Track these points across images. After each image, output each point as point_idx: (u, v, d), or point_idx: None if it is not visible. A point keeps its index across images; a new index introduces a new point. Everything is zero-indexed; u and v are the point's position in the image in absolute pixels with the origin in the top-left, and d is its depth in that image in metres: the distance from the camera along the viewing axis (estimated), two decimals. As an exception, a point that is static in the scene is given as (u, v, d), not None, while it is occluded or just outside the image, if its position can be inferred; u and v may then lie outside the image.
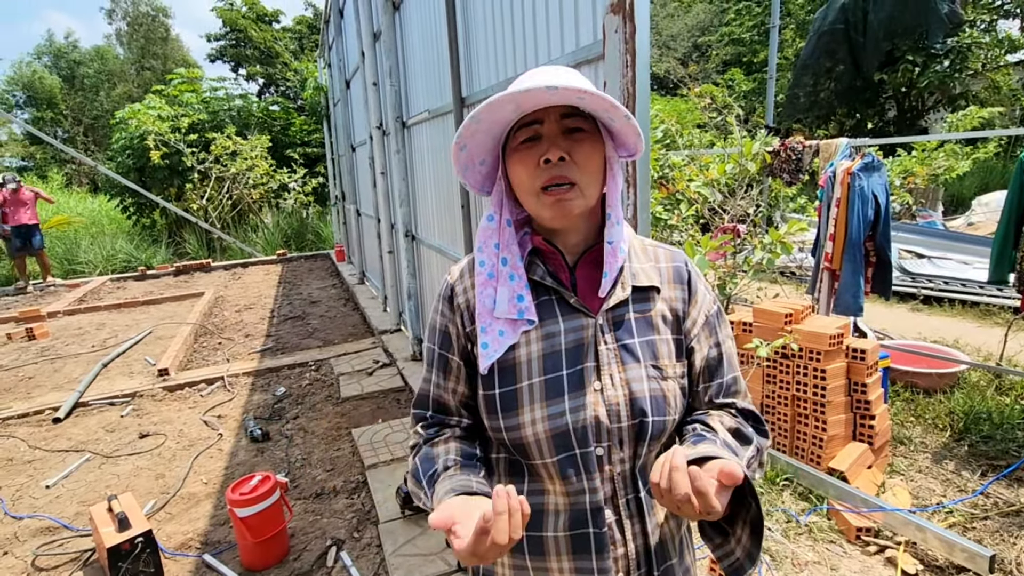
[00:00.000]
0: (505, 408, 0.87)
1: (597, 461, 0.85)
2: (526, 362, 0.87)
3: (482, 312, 0.88)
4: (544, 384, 0.86)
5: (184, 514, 2.86)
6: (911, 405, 3.51)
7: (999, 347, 3.84)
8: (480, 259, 0.90)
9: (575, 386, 0.85)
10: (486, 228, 0.90)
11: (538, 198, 0.84)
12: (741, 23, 16.29)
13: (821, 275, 3.81)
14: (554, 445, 0.85)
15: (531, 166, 0.83)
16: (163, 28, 26.56)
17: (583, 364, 0.86)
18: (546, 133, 0.83)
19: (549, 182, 0.82)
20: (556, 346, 0.87)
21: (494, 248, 0.89)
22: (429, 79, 3.76)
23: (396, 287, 5.46)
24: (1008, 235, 3.14)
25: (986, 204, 8.09)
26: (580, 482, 0.85)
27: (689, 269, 0.96)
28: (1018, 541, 2.23)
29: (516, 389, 0.87)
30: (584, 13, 1.90)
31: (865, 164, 3.54)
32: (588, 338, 0.87)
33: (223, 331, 6.20)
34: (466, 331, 0.92)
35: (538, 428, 0.85)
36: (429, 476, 0.87)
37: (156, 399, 4.36)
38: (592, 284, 0.90)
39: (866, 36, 11.02)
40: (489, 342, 0.87)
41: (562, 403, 0.85)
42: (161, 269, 9.97)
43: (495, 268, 0.89)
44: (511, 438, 0.87)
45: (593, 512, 0.86)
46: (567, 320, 0.88)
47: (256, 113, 13.13)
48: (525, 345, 0.87)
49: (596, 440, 0.85)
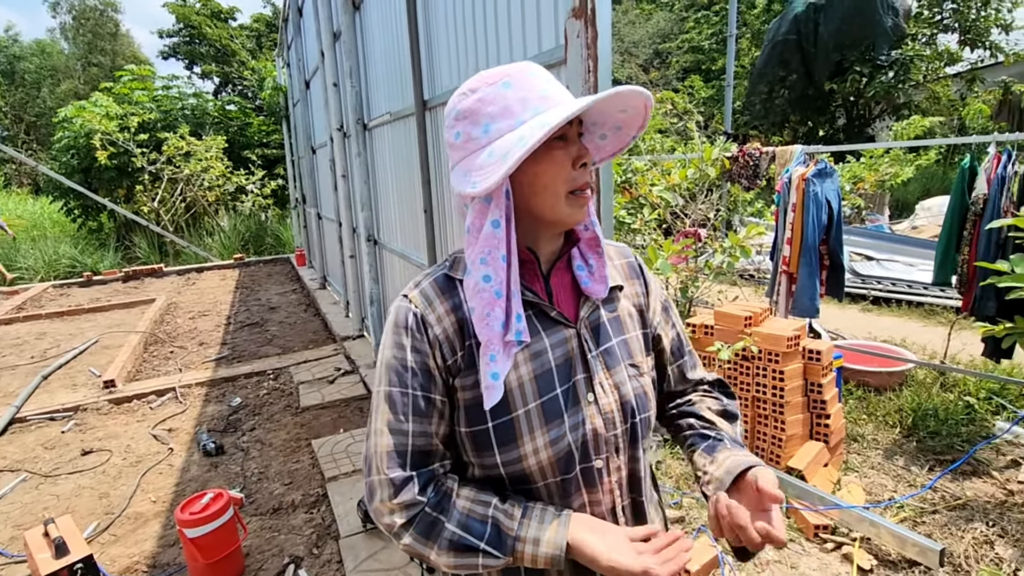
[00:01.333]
0: (502, 442, 0.80)
1: (597, 474, 0.84)
2: (518, 387, 0.80)
3: (491, 339, 0.76)
4: (541, 408, 0.80)
5: (130, 536, 2.71)
6: (863, 403, 3.63)
7: (943, 346, 4.02)
8: (484, 273, 0.76)
9: (571, 402, 0.82)
10: (490, 236, 0.76)
11: (564, 200, 0.79)
12: (700, 31, 16.73)
13: (779, 278, 3.91)
14: (558, 468, 0.81)
15: (566, 167, 0.78)
16: (112, 23, 25.42)
17: (574, 377, 0.83)
18: (572, 136, 0.79)
19: (583, 186, 0.79)
20: (546, 364, 0.82)
21: (501, 260, 0.76)
22: (391, 81, 3.69)
23: (358, 292, 5.34)
24: (951, 239, 3.29)
25: (928, 208, 8.51)
26: (580, 498, 0.83)
27: (639, 262, 0.98)
28: (965, 534, 2.33)
29: (512, 419, 0.80)
30: (546, 17, 1.88)
31: (818, 170, 3.65)
32: (574, 349, 0.84)
33: (175, 339, 5.94)
34: (447, 364, 0.81)
35: (541, 456, 0.80)
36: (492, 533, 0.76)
37: (101, 413, 4.13)
38: (566, 292, 0.87)
39: (817, 47, 11.47)
40: (499, 371, 0.76)
41: (562, 424, 0.81)
42: (109, 275, 9.49)
43: (503, 285, 0.76)
44: (509, 472, 0.81)
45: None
46: (551, 334, 0.83)
47: (212, 112, 12.70)
48: (513, 369, 0.80)
49: (595, 453, 0.83)
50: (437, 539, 0.76)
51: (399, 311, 0.83)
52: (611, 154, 0.88)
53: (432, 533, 0.77)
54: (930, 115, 11.36)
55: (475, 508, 0.78)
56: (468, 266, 0.79)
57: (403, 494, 0.77)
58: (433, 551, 0.77)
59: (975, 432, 3.20)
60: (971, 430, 3.22)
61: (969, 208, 3.17)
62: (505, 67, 0.78)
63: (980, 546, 2.24)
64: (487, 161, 0.74)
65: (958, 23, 12.07)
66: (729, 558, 2.30)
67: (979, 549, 2.22)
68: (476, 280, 0.77)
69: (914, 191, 11.85)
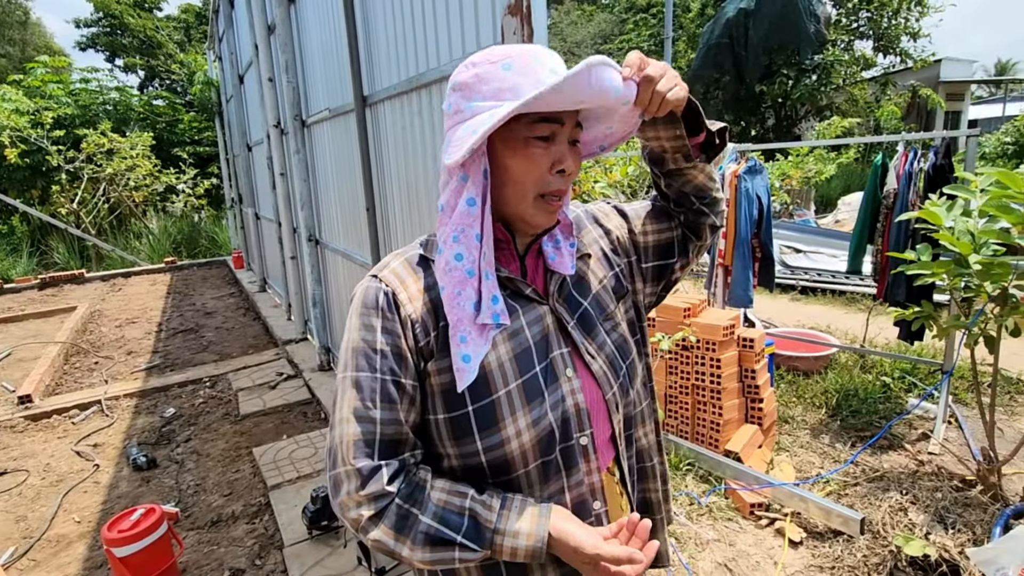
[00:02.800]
0: (483, 426, 0.77)
1: (583, 451, 0.81)
2: (497, 367, 0.77)
3: (461, 318, 0.74)
4: (523, 387, 0.78)
5: (51, 560, 2.52)
6: (793, 387, 3.86)
7: (862, 330, 4.32)
8: (456, 251, 0.74)
9: (551, 379, 0.80)
10: (465, 214, 0.73)
11: (534, 202, 0.77)
12: (639, 33, 17.21)
13: (716, 271, 4.09)
14: (539, 451, 0.78)
15: (541, 168, 0.75)
16: (21, 11, 23.40)
17: (551, 354, 0.81)
18: (560, 138, 0.76)
19: (556, 192, 0.77)
20: (524, 343, 0.80)
21: (475, 239, 0.74)
22: (329, 76, 3.60)
23: (301, 294, 5.18)
24: (864, 231, 3.54)
25: (849, 203, 9.11)
26: (559, 482, 0.80)
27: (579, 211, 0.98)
28: (882, 503, 2.51)
29: (493, 401, 0.76)
30: (484, 14, 1.89)
31: (749, 168, 3.84)
32: (550, 326, 0.83)
33: (100, 349, 5.57)
34: (419, 346, 0.77)
35: (523, 439, 0.77)
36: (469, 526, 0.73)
37: (16, 430, 3.82)
38: (540, 271, 0.87)
39: (748, 50, 12.05)
40: (471, 354, 0.74)
41: (543, 403, 0.78)
42: (22, 282, 8.77)
43: (476, 264, 0.74)
44: (491, 458, 0.77)
45: (575, 507, 0.82)
46: (527, 312, 0.82)
47: (136, 108, 11.97)
48: (492, 350, 0.77)
49: (579, 429, 0.81)
50: (410, 533, 0.72)
51: (368, 291, 0.78)
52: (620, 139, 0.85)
53: (405, 527, 0.72)
54: (849, 116, 12.16)
55: (451, 500, 0.74)
56: (440, 244, 0.76)
57: (371, 485, 0.72)
58: (406, 546, 0.72)
59: (891, 409, 3.46)
60: (887, 407, 3.48)
61: (881, 202, 3.42)
62: (516, 47, 0.74)
63: (895, 513, 2.43)
64: (463, 135, 0.72)
65: (872, 30, 12.98)
66: (672, 540, 2.39)
67: (895, 516, 2.40)
68: (448, 259, 0.74)
69: (836, 187, 12.67)
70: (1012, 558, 1.76)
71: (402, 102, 2.60)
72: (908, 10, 12.72)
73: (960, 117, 16.95)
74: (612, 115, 0.79)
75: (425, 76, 2.30)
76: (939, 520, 2.30)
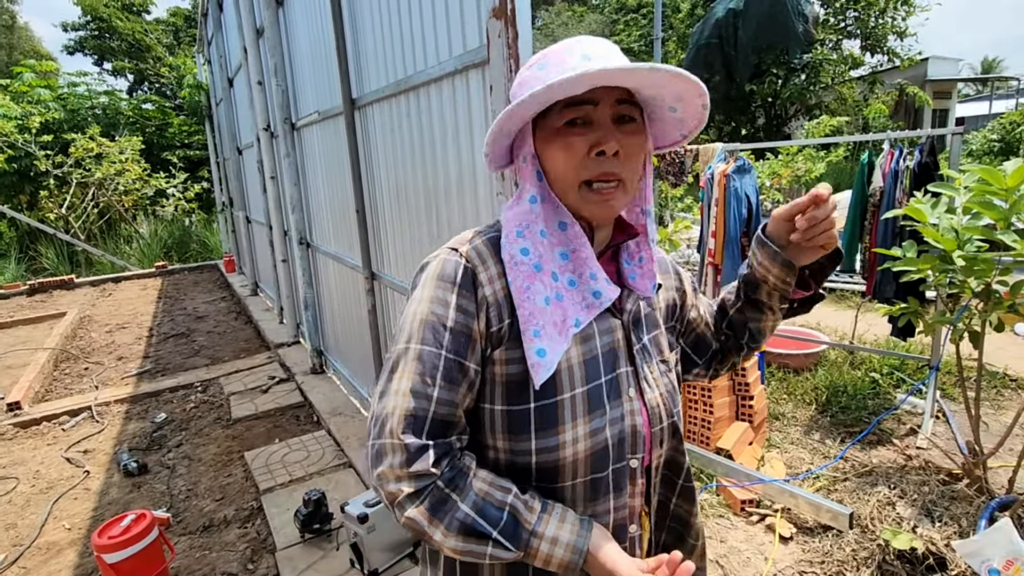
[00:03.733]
0: (542, 426, 0.74)
1: (631, 474, 0.79)
2: (567, 369, 0.75)
3: (533, 311, 0.73)
4: (587, 395, 0.75)
5: (42, 567, 2.51)
6: (783, 384, 3.89)
7: (852, 327, 4.36)
8: (522, 246, 0.74)
9: (613, 395, 0.78)
10: (527, 212, 0.75)
11: (580, 192, 0.73)
12: (630, 33, 17.28)
13: (706, 270, 4.12)
14: (591, 465, 0.76)
15: (578, 154, 0.71)
16: (7, 15, 23.22)
17: (618, 370, 0.79)
18: (599, 119, 0.71)
19: (600, 177, 0.72)
20: (594, 350, 0.77)
21: (540, 235, 0.74)
22: (318, 79, 3.60)
23: (292, 297, 5.16)
24: (854, 229, 3.58)
25: (838, 201, 9.18)
26: (606, 502, 0.78)
27: (668, 256, 0.98)
28: (871, 498, 2.54)
29: (557, 402, 0.74)
30: (469, 17, 1.90)
31: (738, 167, 3.87)
32: (620, 340, 0.80)
33: (90, 355, 5.53)
34: (491, 331, 0.74)
35: (579, 447, 0.75)
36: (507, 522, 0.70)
37: (5, 438, 3.79)
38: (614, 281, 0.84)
39: (737, 50, 12.12)
40: (547, 348, 0.72)
41: (603, 416, 0.76)
42: (11, 288, 8.68)
43: (543, 259, 0.74)
44: (541, 461, 0.75)
45: (616, 529, 0.80)
46: (599, 321, 0.79)
47: (126, 112, 11.88)
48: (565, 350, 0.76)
49: (632, 452, 0.79)
50: (446, 518, 0.69)
51: (446, 263, 0.75)
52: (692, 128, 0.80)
53: (442, 511, 0.69)
54: (838, 115, 12.26)
55: (493, 492, 0.71)
56: (505, 232, 0.76)
57: (417, 463, 0.69)
58: (439, 531, 0.69)
59: (880, 405, 3.49)
60: (876, 403, 3.52)
61: (869, 200, 3.46)
62: (558, 44, 0.74)
63: (884, 507, 2.45)
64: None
65: (860, 30, 13.09)
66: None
67: (883, 510, 2.43)
68: (513, 252, 0.74)
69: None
70: (997, 549, 1.78)
71: (391, 105, 2.61)
72: (895, 9, 12.85)
73: (948, 115, 17.12)
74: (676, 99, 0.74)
75: (413, 79, 2.31)
76: (926, 513, 2.33)
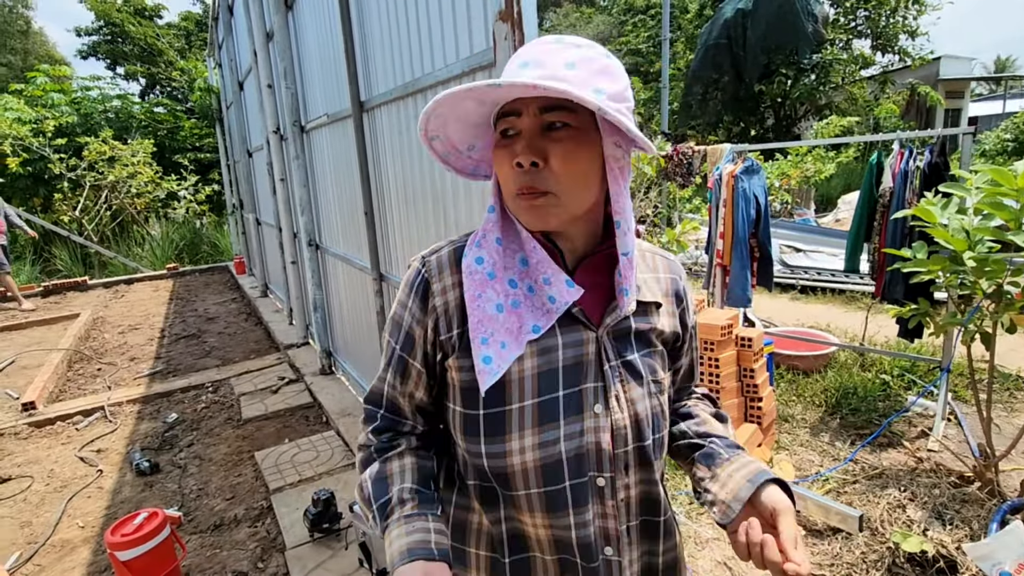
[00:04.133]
0: (490, 433, 0.76)
1: (598, 492, 0.77)
2: (518, 380, 0.75)
3: (482, 319, 0.74)
4: (537, 407, 0.75)
5: (56, 564, 2.55)
6: (793, 386, 3.86)
7: (862, 329, 4.33)
8: (477, 255, 0.76)
9: (572, 410, 0.76)
10: (487, 220, 0.78)
11: (514, 202, 0.74)
12: (637, 35, 17.24)
13: (714, 271, 4.10)
14: (542, 476, 0.75)
15: (507, 167, 0.72)
16: (22, 20, 23.56)
17: (582, 385, 0.77)
18: (522, 129, 0.71)
19: (521, 189, 0.71)
20: (553, 363, 0.76)
21: (495, 243, 0.76)
22: (327, 82, 3.63)
23: (302, 299, 5.20)
24: (860, 229, 3.55)
25: (849, 202, 9.11)
26: (566, 517, 0.76)
27: (684, 285, 0.90)
28: (881, 500, 2.52)
29: (505, 411, 0.76)
30: (476, 20, 1.91)
31: (746, 168, 3.85)
32: (590, 355, 0.77)
33: (103, 355, 5.60)
34: (439, 338, 0.78)
35: (526, 457, 0.75)
36: (381, 504, 0.78)
37: (20, 437, 3.85)
38: (593, 292, 0.79)
39: (746, 50, 12.07)
40: (492, 356, 0.73)
41: (556, 429, 0.75)
42: (26, 289, 8.81)
43: (496, 267, 0.76)
44: (492, 466, 0.77)
45: (581, 547, 0.77)
46: (566, 333, 0.77)
47: (138, 115, 12.04)
48: (518, 361, 0.75)
49: (597, 469, 0.77)
50: (364, 474, 0.83)
51: (411, 271, 0.83)
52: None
53: (364, 468, 0.84)
54: (848, 115, 12.16)
55: (393, 477, 0.80)
56: (468, 242, 0.80)
57: (367, 424, 0.87)
58: (359, 480, 0.84)
59: (890, 407, 3.46)
60: (887, 405, 3.49)
61: (878, 200, 3.43)
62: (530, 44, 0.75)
63: (894, 510, 2.43)
64: None
65: (870, 29, 12.99)
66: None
67: (893, 513, 2.41)
68: (469, 261, 0.77)
69: (836, 186, 12.66)
70: (1008, 553, 1.77)
71: (399, 107, 2.63)
72: (906, 8, 12.73)
73: (960, 114, 16.93)
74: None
75: (420, 81, 2.32)
76: (937, 516, 2.31)
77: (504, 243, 0.77)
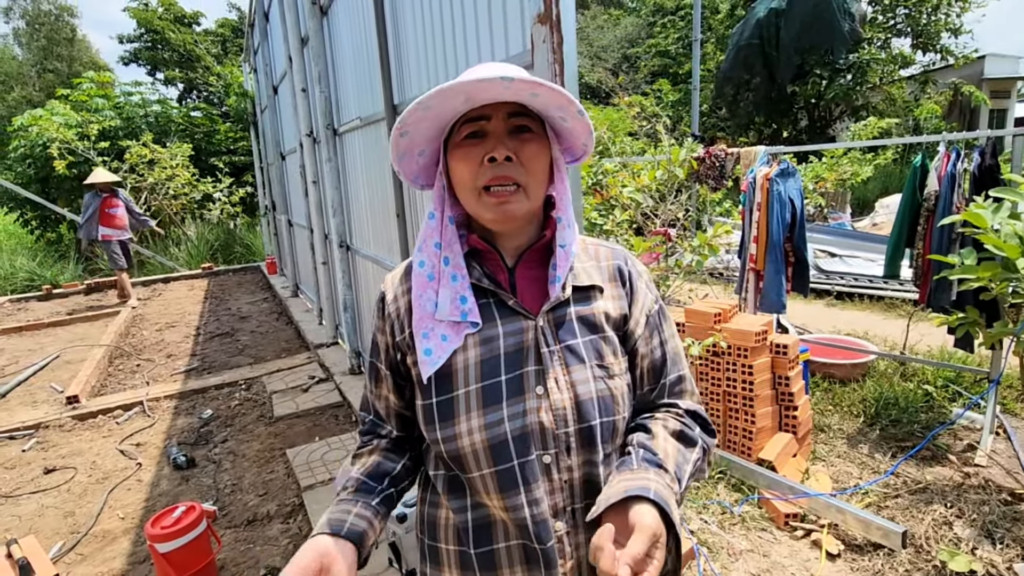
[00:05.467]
0: (442, 418, 0.84)
1: (544, 469, 0.82)
2: (463, 368, 0.83)
3: (423, 316, 0.85)
4: (481, 391, 0.82)
5: (98, 554, 2.63)
6: (829, 395, 3.75)
7: (903, 337, 4.18)
8: (419, 259, 0.86)
9: (514, 392, 0.82)
10: (427, 226, 0.87)
11: (480, 198, 0.81)
12: (667, 36, 17.06)
13: (747, 275, 4.02)
14: (492, 456, 0.81)
15: (474, 163, 0.80)
16: (68, 28, 24.59)
17: (523, 368, 0.83)
18: (492, 130, 0.80)
19: (493, 182, 0.79)
20: (495, 350, 0.83)
21: (434, 248, 0.86)
22: (360, 86, 3.68)
23: (332, 299, 5.28)
24: (902, 234, 3.43)
25: (887, 206, 8.83)
26: (518, 496, 0.81)
27: (629, 268, 0.93)
28: (926, 516, 2.43)
29: (452, 397, 0.83)
30: (513, 23, 1.91)
31: (781, 170, 3.77)
32: (529, 341, 0.84)
33: (142, 352, 5.78)
34: (395, 340, 0.90)
35: (475, 438, 0.81)
36: (336, 493, 0.90)
37: (64, 429, 3.99)
38: (532, 285, 0.88)
39: (779, 51, 11.81)
40: (432, 348, 0.84)
41: (500, 410, 0.81)
42: (70, 287, 9.17)
43: (436, 269, 0.85)
44: (447, 449, 0.84)
45: (536, 525, 0.80)
46: (506, 323, 0.84)
47: (176, 119, 12.40)
48: (462, 351, 0.84)
49: (542, 447, 0.82)
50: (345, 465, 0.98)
51: (379, 291, 0.95)
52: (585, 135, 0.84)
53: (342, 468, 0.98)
54: (886, 116, 11.79)
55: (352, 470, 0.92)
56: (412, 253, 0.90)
57: (358, 431, 1.00)
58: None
59: (934, 419, 3.33)
60: (930, 417, 3.36)
61: (922, 204, 3.31)
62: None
63: (940, 527, 2.34)
64: None
65: (910, 27, 12.57)
66: (704, 549, 2.35)
67: (939, 530, 2.32)
68: (413, 266, 0.88)
69: (873, 189, 12.30)
70: (1067, 576, 1.68)
71: (432, 110, 2.64)
72: (948, 6, 12.29)
73: (1006, 115, 16.27)
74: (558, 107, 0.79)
75: (455, 84, 2.33)
76: (986, 535, 2.21)
77: (443, 247, 0.86)
